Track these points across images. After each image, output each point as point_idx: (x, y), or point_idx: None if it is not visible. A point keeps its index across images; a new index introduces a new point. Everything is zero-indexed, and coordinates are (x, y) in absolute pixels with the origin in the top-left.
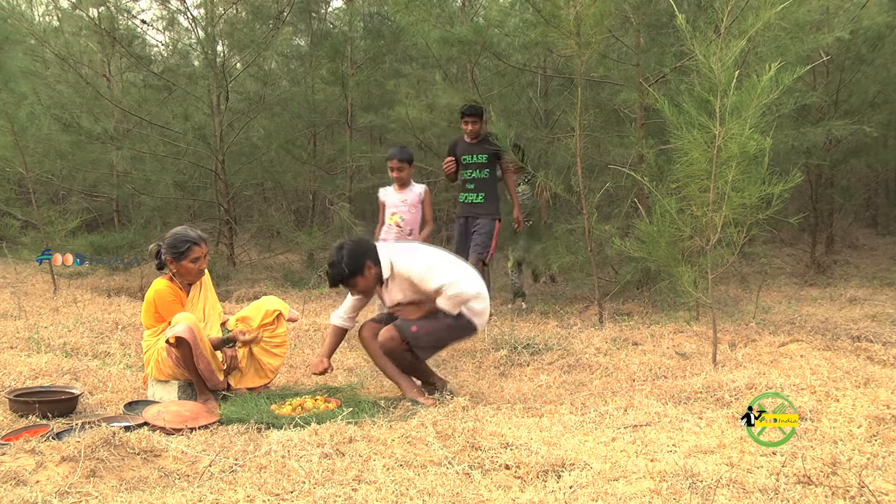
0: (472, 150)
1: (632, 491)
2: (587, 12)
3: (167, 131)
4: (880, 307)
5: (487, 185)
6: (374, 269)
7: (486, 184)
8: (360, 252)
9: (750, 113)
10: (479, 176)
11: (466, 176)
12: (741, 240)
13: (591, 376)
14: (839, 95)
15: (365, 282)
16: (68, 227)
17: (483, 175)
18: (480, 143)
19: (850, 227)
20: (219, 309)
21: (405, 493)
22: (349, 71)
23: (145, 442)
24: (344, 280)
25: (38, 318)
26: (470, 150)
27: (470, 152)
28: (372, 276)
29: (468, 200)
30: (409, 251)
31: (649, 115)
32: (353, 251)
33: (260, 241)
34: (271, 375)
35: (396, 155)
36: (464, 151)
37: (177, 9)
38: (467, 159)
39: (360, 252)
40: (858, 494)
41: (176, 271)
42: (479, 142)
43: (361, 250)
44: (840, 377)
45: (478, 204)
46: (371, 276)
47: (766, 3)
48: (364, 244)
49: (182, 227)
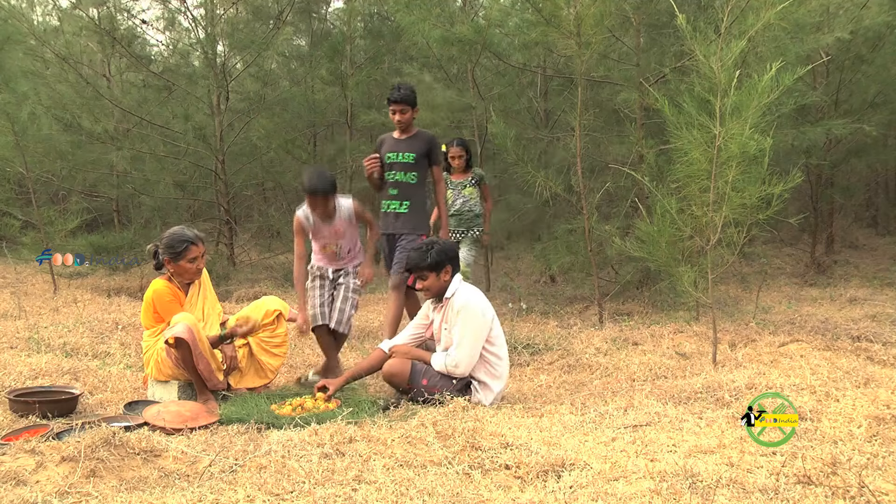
0: (399, 146)
1: (632, 491)
2: (587, 12)
3: (167, 131)
4: (880, 307)
5: (414, 191)
6: (448, 276)
7: (413, 190)
8: (448, 255)
9: (750, 113)
10: (403, 179)
11: (389, 178)
12: (741, 240)
13: (591, 376)
14: (839, 95)
15: (436, 282)
16: (68, 227)
17: (409, 179)
18: (410, 140)
19: (850, 227)
20: (218, 309)
21: (405, 493)
22: (349, 71)
23: (145, 442)
24: (421, 268)
25: (38, 318)
26: (396, 146)
27: (396, 150)
28: (443, 281)
29: (390, 209)
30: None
31: (649, 115)
32: (442, 250)
33: (260, 241)
34: (271, 375)
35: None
36: (389, 148)
37: (177, 9)
38: (391, 157)
39: (447, 254)
40: (858, 494)
41: (174, 271)
42: (408, 137)
43: (449, 255)
44: (840, 377)
45: (401, 215)
46: (444, 279)
47: (767, 4)
48: (454, 251)
49: (179, 227)
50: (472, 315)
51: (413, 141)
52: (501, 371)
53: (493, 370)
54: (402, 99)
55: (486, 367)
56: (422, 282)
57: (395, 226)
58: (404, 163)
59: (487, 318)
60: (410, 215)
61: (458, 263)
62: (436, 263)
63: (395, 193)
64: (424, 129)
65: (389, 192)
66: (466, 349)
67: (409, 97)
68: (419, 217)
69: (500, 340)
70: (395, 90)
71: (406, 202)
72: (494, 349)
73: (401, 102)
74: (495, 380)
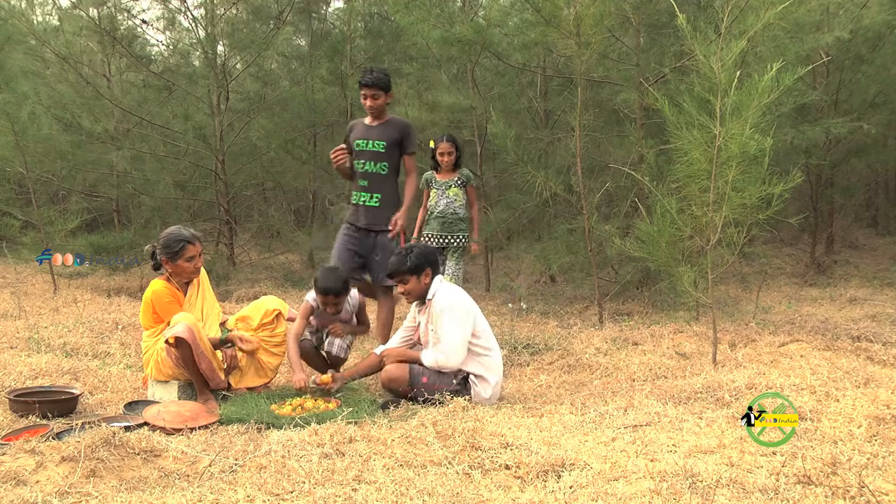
0: (369, 133)
1: (632, 491)
2: (587, 12)
3: (167, 131)
4: (880, 307)
5: (384, 183)
6: (429, 279)
7: (383, 182)
8: (427, 258)
9: (750, 113)
10: (372, 170)
11: (358, 168)
12: (741, 240)
13: (591, 376)
14: (839, 95)
15: (417, 285)
16: (68, 227)
17: (379, 169)
18: (382, 126)
19: (850, 227)
20: (217, 309)
21: (405, 493)
22: (349, 71)
23: (145, 442)
24: (401, 272)
25: (38, 318)
26: (366, 133)
27: (366, 136)
28: (424, 284)
29: (360, 202)
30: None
31: (649, 115)
32: (421, 253)
33: (260, 241)
34: (271, 375)
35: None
36: (359, 135)
37: (177, 9)
38: (361, 145)
39: (426, 258)
40: (858, 494)
41: (172, 271)
42: (380, 124)
43: (429, 258)
44: (840, 377)
45: (371, 209)
46: (424, 282)
47: (767, 3)
48: (433, 255)
49: (175, 226)
50: (455, 311)
51: (385, 128)
52: (494, 363)
53: (485, 362)
54: (374, 83)
55: (477, 360)
56: (403, 286)
57: (368, 220)
58: (374, 151)
59: (470, 313)
60: (382, 210)
61: (437, 266)
62: (415, 267)
63: (364, 185)
64: (398, 116)
65: (359, 182)
66: (453, 341)
67: (382, 81)
68: (392, 210)
69: (487, 334)
70: (366, 73)
71: (377, 195)
72: (482, 342)
73: (373, 86)
74: (489, 371)
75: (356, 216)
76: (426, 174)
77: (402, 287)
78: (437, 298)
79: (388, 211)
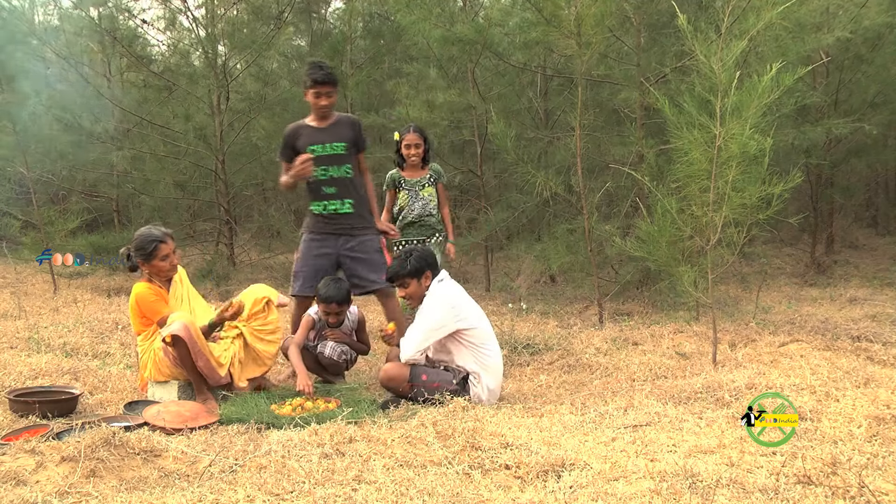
0: (322, 137)
1: (632, 491)
2: (588, 12)
3: (167, 131)
4: (880, 307)
5: (353, 185)
6: (429, 282)
7: (352, 184)
8: (427, 261)
9: (750, 113)
10: (337, 175)
11: (320, 176)
12: (741, 240)
13: (591, 376)
14: (839, 95)
15: (418, 288)
16: (68, 227)
17: (344, 172)
18: (334, 127)
19: (850, 227)
20: (203, 303)
21: (405, 493)
22: (349, 71)
23: (145, 442)
24: (402, 275)
25: (38, 318)
26: (318, 137)
27: (320, 140)
28: (424, 287)
29: (331, 211)
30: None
31: (649, 115)
32: (421, 256)
33: (260, 241)
34: (269, 363)
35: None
36: (310, 140)
37: (177, 9)
38: (317, 150)
39: (426, 260)
40: (858, 494)
41: (150, 271)
42: (331, 124)
43: (428, 260)
44: (840, 377)
45: (347, 215)
46: (424, 285)
47: (768, 3)
48: (432, 257)
49: (146, 227)
50: (434, 306)
51: (338, 128)
52: (492, 362)
53: (482, 360)
54: (329, 79)
55: (473, 356)
56: (403, 289)
57: (344, 227)
58: (334, 154)
59: (454, 309)
60: (358, 214)
61: (436, 267)
62: (416, 270)
63: (333, 192)
64: (340, 112)
65: (324, 190)
66: (414, 334)
67: (335, 77)
68: (367, 210)
69: (481, 330)
70: (316, 70)
71: (348, 201)
72: (473, 338)
73: (327, 83)
74: (487, 369)
75: (325, 226)
76: (391, 173)
77: (403, 291)
78: (429, 292)
79: (364, 211)
